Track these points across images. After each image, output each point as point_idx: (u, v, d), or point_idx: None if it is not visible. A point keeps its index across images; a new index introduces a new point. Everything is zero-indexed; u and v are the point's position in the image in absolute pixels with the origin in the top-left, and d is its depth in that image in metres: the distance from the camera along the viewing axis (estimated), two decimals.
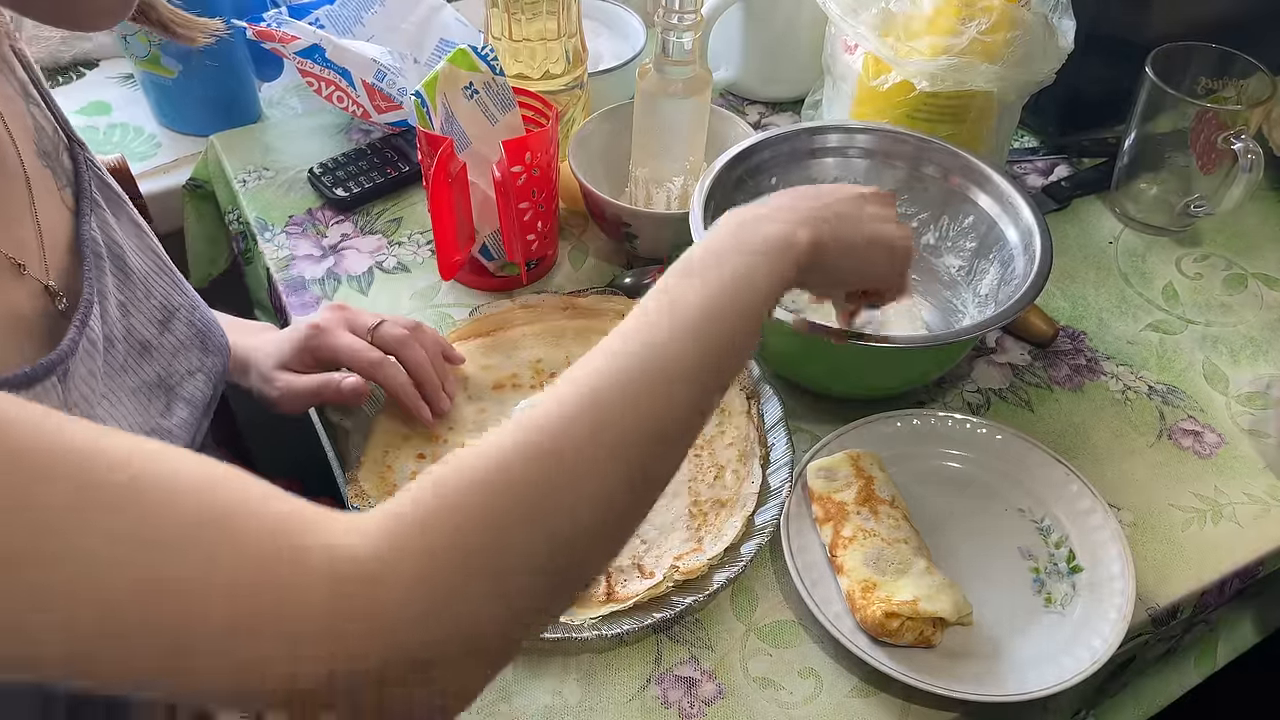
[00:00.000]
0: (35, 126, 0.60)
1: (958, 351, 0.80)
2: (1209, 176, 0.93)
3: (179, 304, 0.66)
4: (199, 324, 0.68)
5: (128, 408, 0.60)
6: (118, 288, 0.61)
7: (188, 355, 0.66)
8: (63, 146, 0.61)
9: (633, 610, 0.66)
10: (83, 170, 0.61)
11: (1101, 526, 0.72)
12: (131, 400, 0.61)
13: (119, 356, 0.60)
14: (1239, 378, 0.86)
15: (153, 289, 0.64)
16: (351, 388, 0.73)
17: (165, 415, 0.63)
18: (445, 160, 0.78)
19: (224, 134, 1.06)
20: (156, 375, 0.63)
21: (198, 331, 0.67)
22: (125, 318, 0.61)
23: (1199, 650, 0.83)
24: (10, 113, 0.58)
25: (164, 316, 0.65)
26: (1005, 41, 0.85)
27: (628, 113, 0.91)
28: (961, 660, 0.66)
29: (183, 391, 0.65)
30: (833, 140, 0.88)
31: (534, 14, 0.88)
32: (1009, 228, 0.82)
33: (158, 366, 0.64)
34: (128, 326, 0.61)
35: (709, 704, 0.65)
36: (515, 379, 0.80)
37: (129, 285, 0.62)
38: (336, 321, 0.76)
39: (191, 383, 0.66)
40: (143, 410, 0.62)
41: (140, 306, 0.63)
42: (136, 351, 0.62)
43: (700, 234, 0.76)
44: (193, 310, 0.67)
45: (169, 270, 0.67)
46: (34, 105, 0.61)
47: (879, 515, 0.70)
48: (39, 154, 0.59)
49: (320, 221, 0.97)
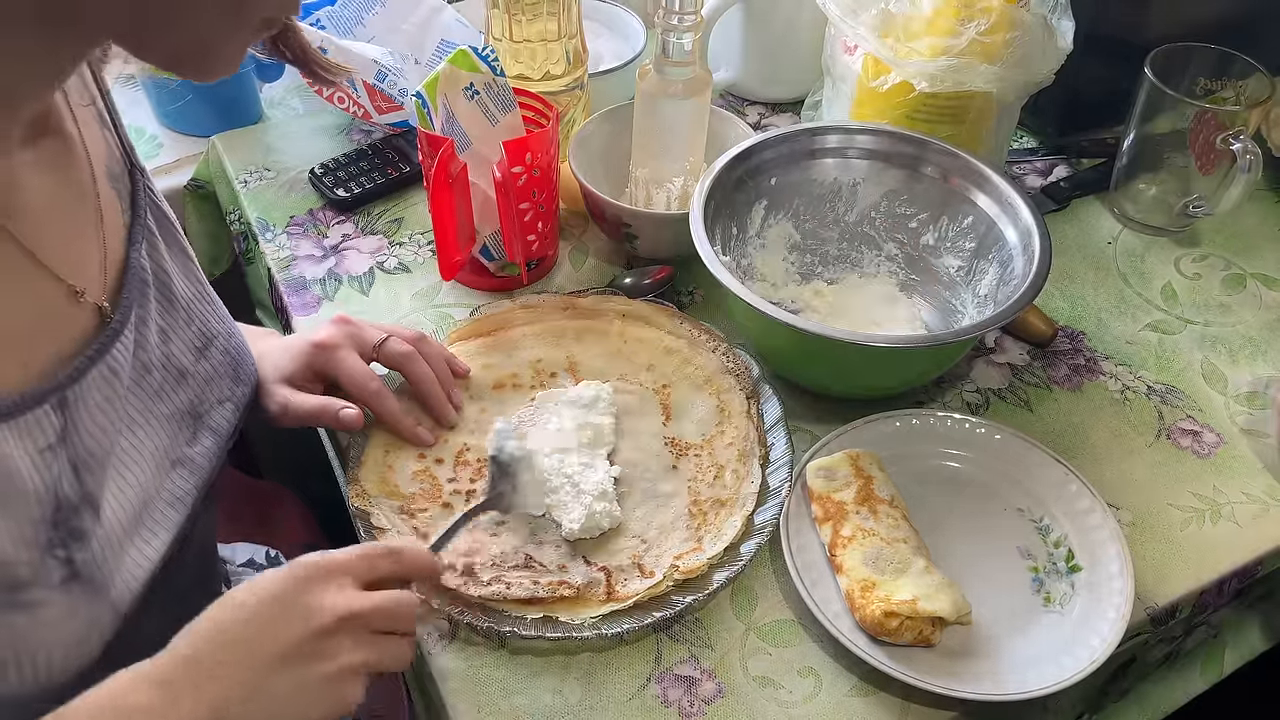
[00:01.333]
0: (108, 151, 0.61)
1: (957, 351, 0.81)
2: (1208, 177, 0.93)
3: (217, 331, 0.67)
4: (233, 352, 0.68)
5: (159, 435, 0.60)
6: (160, 314, 0.61)
7: (220, 384, 0.66)
8: (125, 171, 0.62)
9: (633, 610, 0.66)
10: (140, 196, 0.62)
11: (1100, 526, 0.72)
12: (163, 427, 0.61)
13: (155, 383, 0.60)
14: (1238, 378, 0.86)
15: (194, 316, 0.65)
16: (350, 419, 0.72)
17: (191, 444, 0.64)
18: (446, 161, 0.78)
19: (225, 134, 1.06)
20: (189, 403, 0.64)
21: (232, 360, 0.68)
22: (165, 344, 0.62)
23: (1205, 656, 0.83)
24: (90, 136, 0.59)
25: (202, 344, 0.65)
26: (1004, 42, 0.85)
27: (628, 113, 0.92)
28: (960, 659, 0.66)
29: (210, 420, 0.65)
30: (832, 141, 0.88)
31: (534, 15, 0.88)
32: (1008, 228, 0.82)
33: (191, 394, 0.64)
34: (166, 353, 0.62)
35: (709, 703, 0.65)
36: (515, 379, 0.81)
37: (172, 312, 0.62)
38: (342, 339, 0.75)
39: (220, 412, 0.66)
40: (172, 438, 0.62)
41: (180, 333, 0.63)
42: (174, 378, 0.62)
43: (703, 246, 0.76)
44: (229, 338, 0.68)
45: (210, 299, 0.67)
46: (107, 130, 0.62)
47: (878, 515, 0.70)
48: (109, 177, 0.60)
49: (321, 222, 0.97)
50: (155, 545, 0.59)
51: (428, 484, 0.73)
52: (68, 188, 0.56)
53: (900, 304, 0.89)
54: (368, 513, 0.71)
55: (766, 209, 0.88)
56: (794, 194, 0.89)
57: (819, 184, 0.89)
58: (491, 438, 0.71)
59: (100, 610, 0.54)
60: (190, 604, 0.54)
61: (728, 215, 0.85)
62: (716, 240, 0.80)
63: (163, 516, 0.61)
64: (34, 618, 0.51)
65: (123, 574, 0.56)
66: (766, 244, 0.90)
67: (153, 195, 0.64)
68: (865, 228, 0.90)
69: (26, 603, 0.50)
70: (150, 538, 0.59)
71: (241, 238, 1.01)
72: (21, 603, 0.50)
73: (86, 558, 0.53)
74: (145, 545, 0.59)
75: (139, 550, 0.58)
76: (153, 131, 1.13)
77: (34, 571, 0.50)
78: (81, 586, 0.53)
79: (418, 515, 0.71)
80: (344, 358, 0.74)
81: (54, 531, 0.51)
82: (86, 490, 0.54)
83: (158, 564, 0.59)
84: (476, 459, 0.75)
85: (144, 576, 0.58)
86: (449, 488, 0.73)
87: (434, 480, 0.74)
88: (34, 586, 0.51)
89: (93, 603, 0.54)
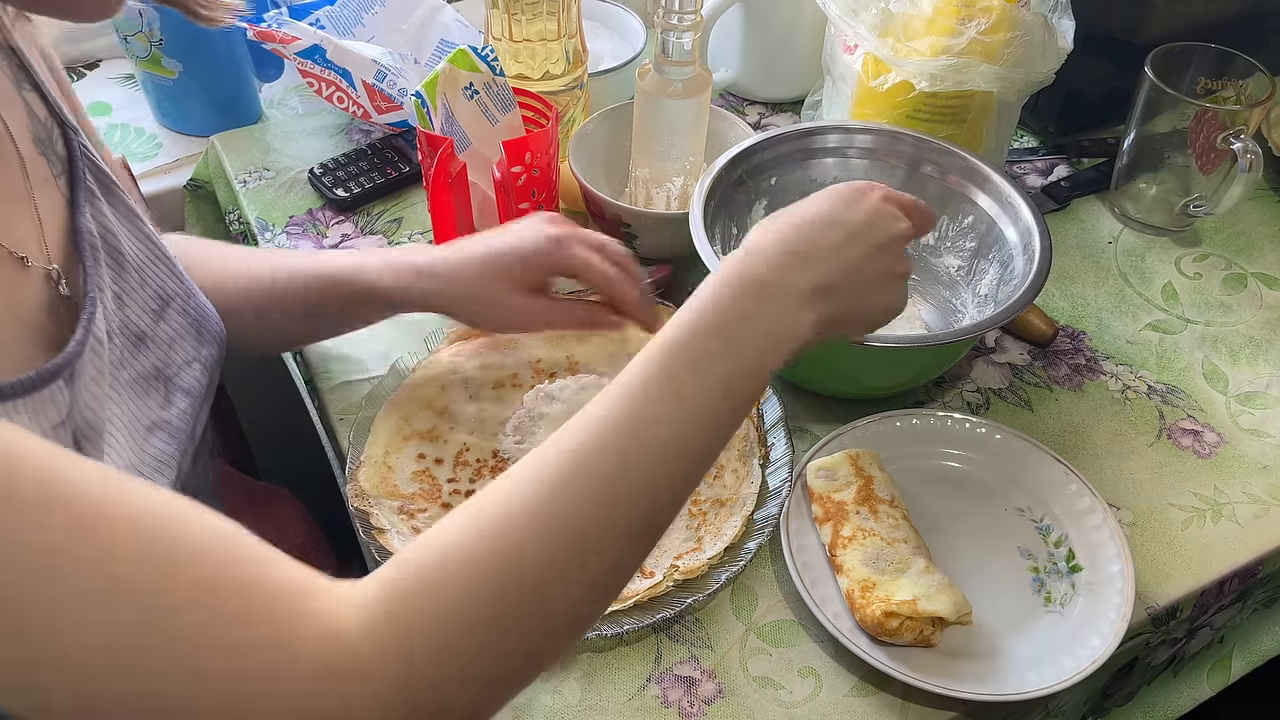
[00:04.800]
0: (28, 113, 0.58)
1: (957, 351, 0.81)
2: (1208, 176, 0.93)
3: (174, 292, 0.65)
4: (193, 313, 0.66)
5: (127, 402, 0.60)
6: (113, 279, 0.60)
7: (183, 345, 0.65)
8: (56, 133, 0.60)
9: (633, 609, 0.66)
10: (76, 156, 0.60)
11: (1101, 526, 0.72)
12: (130, 393, 0.60)
13: (116, 350, 0.60)
14: (1238, 377, 0.86)
15: (147, 278, 0.63)
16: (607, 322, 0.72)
17: (165, 406, 0.63)
18: (445, 161, 0.78)
19: (224, 134, 1.06)
20: (153, 366, 0.63)
21: (192, 320, 0.66)
22: (121, 309, 0.61)
23: (1212, 663, 0.83)
24: (3, 99, 0.56)
25: (159, 306, 0.64)
26: (1005, 42, 0.85)
27: (628, 113, 0.92)
28: (961, 660, 0.66)
29: (180, 382, 0.65)
30: (832, 140, 0.88)
31: (534, 14, 0.88)
32: (1008, 228, 0.82)
33: (154, 358, 0.63)
34: (123, 319, 0.61)
35: (709, 703, 0.65)
36: (515, 379, 0.80)
37: (123, 275, 0.61)
38: (571, 235, 0.70)
39: (189, 372, 0.65)
40: (141, 402, 0.61)
41: (134, 296, 0.62)
42: (132, 343, 0.61)
43: (703, 245, 0.76)
44: (187, 299, 0.66)
45: (164, 258, 0.65)
46: (27, 91, 0.59)
47: (878, 515, 0.70)
48: (34, 140, 0.57)
49: (320, 222, 0.97)
50: None
51: (427, 484, 0.73)
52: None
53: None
54: (367, 513, 0.71)
55: (766, 209, 0.88)
56: (794, 194, 0.88)
57: (819, 184, 0.89)
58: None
59: None
60: None
61: (727, 215, 0.85)
62: (716, 240, 0.80)
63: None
64: None
65: None
66: None
67: (88, 154, 0.61)
68: None
69: None
70: None
71: (241, 238, 1.01)
72: None
73: None
74: None
75: None
76: (152, 131, 1.13)
77: None
78: None
79: (417, 515, 0.71)
80: (578, 250, 0.69)
81: None
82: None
83: None
84: (476, 459, 0.75)
85: None
86: (449, 488, 0.73)
87: (433, 480, 0.74)
88: None
89: None
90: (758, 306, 0.53)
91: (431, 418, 0.77)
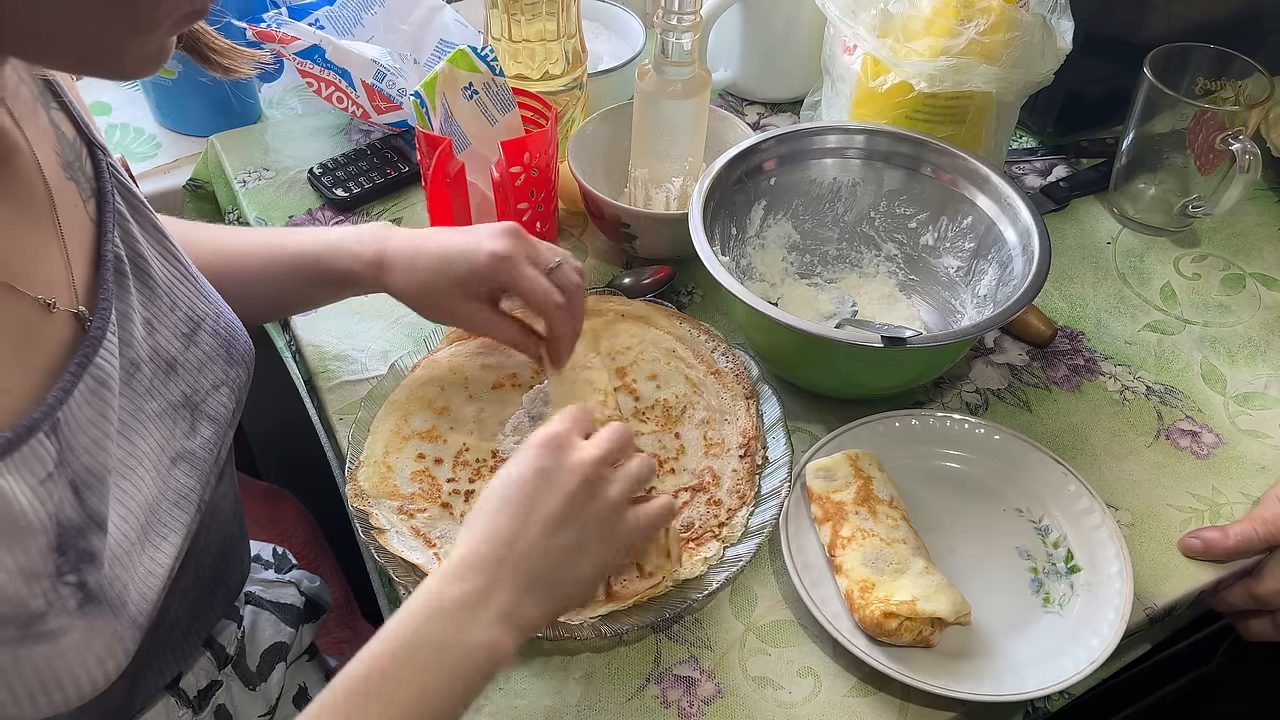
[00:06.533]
0: (57, 135, 0.57)
1: (956, 352, 0.81)
2: (1207, 177, 0.93)
3: (204, 313, 0.63)
4: (223, 332, 0.65)
5: (155, 434, 0.58)
6: (143, 304, 0.58)
7: (212, 369, 0.63)
8: (84, 154, 0.58)
9: (632, 610, 0.66)
10: (104, 176, 0.58)
11: (1100, 526, 0.72)
12: (157, 425, 0.58)
13: (145, 380, 0.58)
14: (1237, 378, 0.86)
15: (178, 300, 0.61)
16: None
17: (190, 436, 0.61)
18: (444, 160, 0.78)
19: (224, 134, 1.06)
20: (182, 394, 0.61)
21: (223, 341, 0.64)
22: (151, 335, 0.59)
23: None
24: (30, 125, 0.55)
25: (190, 329, 0.62)
26: (1004, 42, 0.85)
27: (627, 113, 0.92)
28: (960, 660, 0.66)
29: (207, 408, 0.63)
30: (831, 141, 0.88)
31: (533, 15, 0.88)
32: (1007, 228, 0.82)
33: (184, 384, 0.61)
34: (154, 345, 0.59)
35: (708, 703, 0.65)
36: (515, 379, 0.80)
37: (154, 300, 0.59)
38: (519, 252, 0.70)
39: (216, 398, 0.64)
40: (167, 434, 0.59)
41: (165, 321, 0.60)
42: (163, 371, 0.59)
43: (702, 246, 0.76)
44: (217, 318, 0.65)
45: (191, 277, 0.63)
46: (54, 110, 0.58)
47: (877, 515, 0.70)
48: (62, 165, 0.56)
49: (320, 222, 0.97)
50: (166, 550, 0.58)
51: (426, 484, 0.73)
52: (13, 196, 0.52)
53: (899, 304, 0.89)
54: (367, 513, 0.71)
55: (766, 209, 0.88)
56: (793, 194, 0.89)
57: (818, 184, 0.89)
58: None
59: (120, 625, 0.53)
60: (218, 579, 0.53)
61: (727, 215, 0.85)
62: (716, 240, 0.80)
63: (170, 519, 0.59)
64: (55, 646, 0.49)
65: (137, 584, 0.55)
66: (766, 244, 0.90)
67: (117, 174, 0.59)
68: (864, 228, 0.90)
69: (46, 633, 0.49)
70: (160, 543, 0.58)
71: None
72: (41, 634, 0.49)
73: (98, 578, 0.52)
74: (156, 551, 0.57)
75: (150, 558, 0.57)
76: (151, 131, 1.13)
77: (48, 601, 0.49)
78: (97, 608, 0.51)
79: (416, 515, 0.71)
80: (523, 270, 0.70)
81: (62, 558, 0.50)
82: (90, 510, 0.52)
83: (172, 567, 0.58)
84: (476, 459, 0.75)
85: (158, 584, 0.57)
86: (448, 488, 0.73)
87: (433, 480, 0.74)
88: (50, 616, 0.49)
89: (111, 620, 0.52)
90: (454, 626, 0.54)
91: (431, 418, 0.77)
